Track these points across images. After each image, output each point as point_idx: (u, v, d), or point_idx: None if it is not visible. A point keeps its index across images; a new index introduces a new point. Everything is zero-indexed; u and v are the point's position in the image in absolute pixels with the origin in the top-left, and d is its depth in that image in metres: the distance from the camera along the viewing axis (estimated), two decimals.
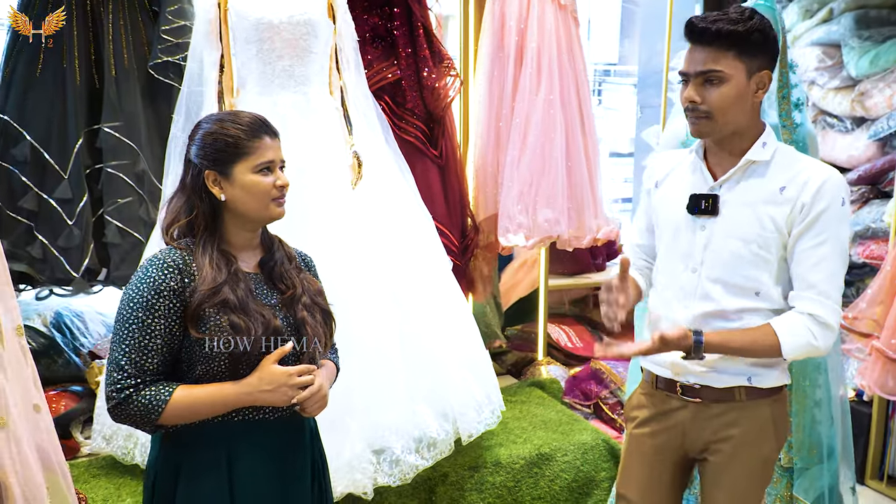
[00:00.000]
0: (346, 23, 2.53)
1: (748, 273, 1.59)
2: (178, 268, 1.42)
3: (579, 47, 3.08)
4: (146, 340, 1.38)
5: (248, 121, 1.50)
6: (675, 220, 1.69)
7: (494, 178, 3.04)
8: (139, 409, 1.37)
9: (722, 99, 1.53)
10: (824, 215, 1.53)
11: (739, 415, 1.64)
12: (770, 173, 1.59)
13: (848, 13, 3.49)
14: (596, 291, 4.38)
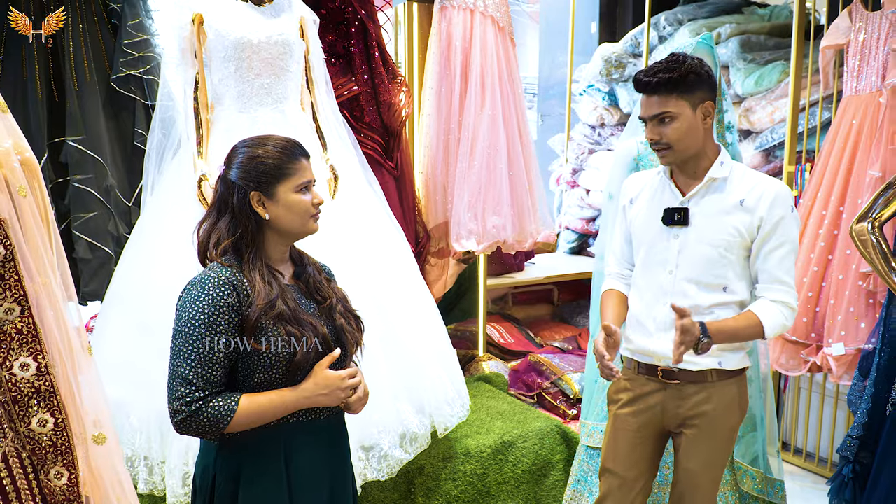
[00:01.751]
0: (315, 42, 2.64)
1: (717, 272, 1.90)
2: (232, 284, 1.50)
3: (516, 66, 3.34)
4: (211, 355, 1.46)
5: (286, 144, 1.61)
6: (651, 231, 1.98)
7: (444, 187, 3.24)
8: (209, 420, 1.45)
9: (675, 133, 1.86)
10: (781, 223, 1.86)
11: (711, 393, 1.93)
12: (729, 188, 1.90)
13: (733, 38, 3.97)
14: (516, 290, 4.69)
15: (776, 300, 1.87)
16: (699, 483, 1.98)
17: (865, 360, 2.33)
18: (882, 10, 2.96)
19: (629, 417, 2.03)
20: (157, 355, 2.31)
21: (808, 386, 3.56)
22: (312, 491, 1.63)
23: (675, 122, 1.85)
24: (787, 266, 1.87)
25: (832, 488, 2.33)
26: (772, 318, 1.85)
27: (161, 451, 2.30)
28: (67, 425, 1.27)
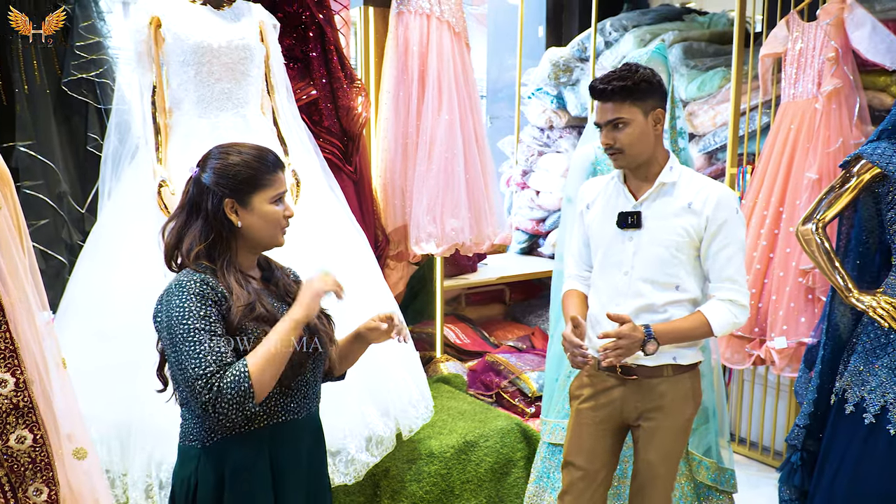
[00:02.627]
0: (275, 46, 2.63)
1: (670, 271, 1.98)
2: (212, 286, 1.50)
3: (471, 71, 3.39)
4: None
5: (264, 154, 1.61)
6: (606, 234, 2.06)
7: (402, 191, 3.26)
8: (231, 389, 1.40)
9: (628, 137, 1.94)
10: (726, 224, 1.95)
11: (667, 387, 2.02)
12: (677, 192, 2.00)
13: (676, 44, 4.11)
14: (469, 291, 4.75)
15: (724, 298, 1.96)
16: (657, 474, 2.07)
17: (810, 352, 2.46)
18: (817, 21, 3.12)
19: (590, 412, 2.10)
20: (117, 364, 2.28)
21: (751, 378, 3.72)
22: (295, 490, 1.64)
23: (627, 127, 1.93)
24: (735, 265, 1.96)
25: (782, 475, 2.45)
26: (719, 316, 1.95)
27: (122, 464, 2.25)
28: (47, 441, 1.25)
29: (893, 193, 2.11)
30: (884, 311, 2.11)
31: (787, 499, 2.44)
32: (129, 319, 2.31)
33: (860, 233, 2.30)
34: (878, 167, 2.11)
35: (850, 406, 2.20)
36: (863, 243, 2.30)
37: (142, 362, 2.27)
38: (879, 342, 2.16)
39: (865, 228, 2.29)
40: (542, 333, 4.27)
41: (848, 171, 2.20)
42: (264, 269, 1.70)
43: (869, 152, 2.13)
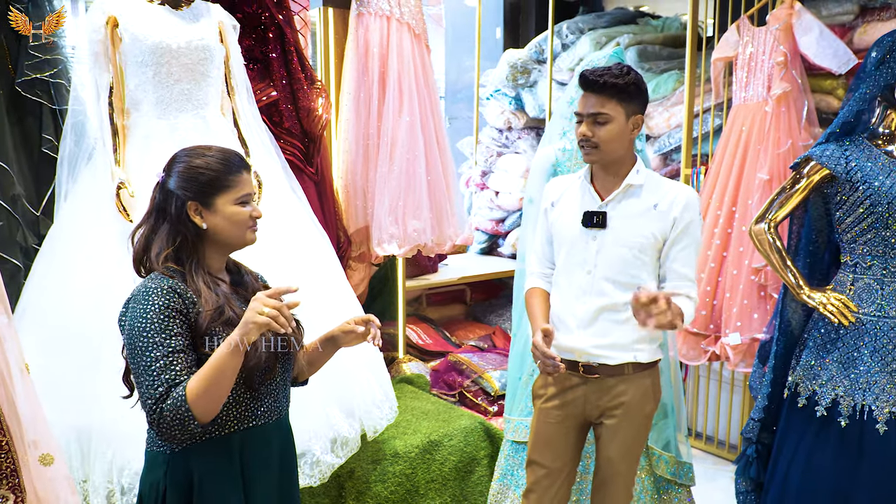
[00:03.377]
0: (235, 47, 2.61)
1: (632, 272, 2.02)
2: (176, 292, 1.50)
3: (432, 73, 3.41)
4: (171, 358, 1.44)
5: (228, 156, 1.61)
6: (571, 232, 2.08)
7: (364, 192, 3.26)
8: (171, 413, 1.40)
9: (607, 134, 1.96)
10: (690, 226, 2.01)
11: (628, 385, 2.06)
12: (644, 194, 2.03)
13: (632, 47, 4.20)
14: (430, 291, 4.76)
15: (685, 294, 2.00)
16: (619, 470, 2.11)
17: (764, 348, 2.54)
18: (767, 26, 3.23)
19: (553, 410, 2.13)
20: (76, 369, 2.24)
21: (707, 374, 3.82)
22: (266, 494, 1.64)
23: (608, 124, 1.95)
24: (691, 263, 2.03)
25: (738, 468, 2.53)
26: (689, 311, 1.99)
27: (83, 470, 2.21)
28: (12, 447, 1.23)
29: (841, 194, 2.20)
30: (833, 308, 2.20)
31: (743, 490, 2.52)
32: (88, 322, 2.27)
33: (810, 232, 2.39)
34: (826, 169, 2.20)
35: (803, 399, 2.28)
36: (813, 242, 2.39)
37: (101, 365, 2.23)
38: (829, 337, 2.25)
39: (815, 228, 2.38)
40: (503, 333, 4.31)
41: (798, 173, 2.28)
42: (233, 272, 1.69)
43: (818, 154, 2.22)
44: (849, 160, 2.17)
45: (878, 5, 3.17)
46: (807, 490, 2.25)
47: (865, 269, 2.19)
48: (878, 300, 2.16)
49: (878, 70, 2.13)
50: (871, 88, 2.14)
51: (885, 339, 2.14)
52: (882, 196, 2.10)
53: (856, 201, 2.16)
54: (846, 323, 2.18)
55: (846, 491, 2.17)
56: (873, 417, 2.13)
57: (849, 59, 3.03)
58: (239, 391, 1.57)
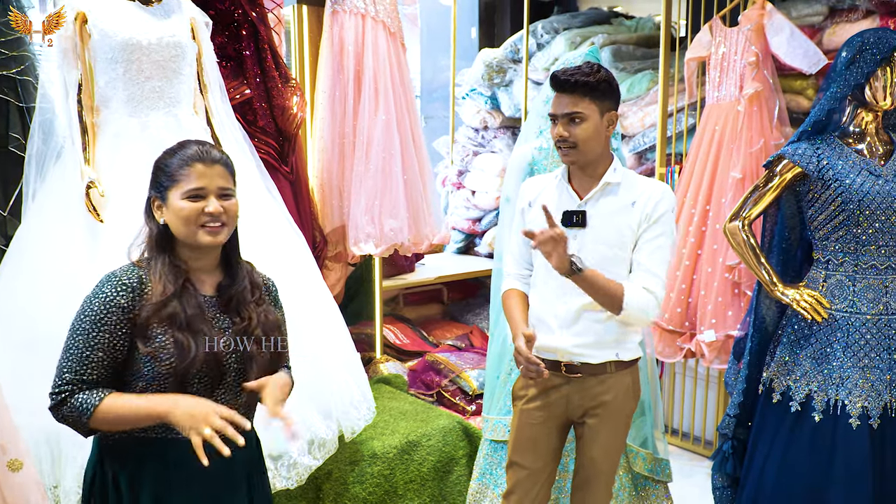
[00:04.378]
0: (207, 44, 2.57)
1: (612, 270, 1.98)
2: (131, 286, 1.49)
3: (407, 71, 3.39)
4: (88, 352, 1.46)
5: (186, 149, 1.56)
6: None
7: (340, 191, 3.24)
8: (71, 412, 1.46)
9: (584, 133, 1.95)
10: (662, 218, 1.99)
11: (610, 384, 2.06)
12: (621, 192, 2.03)
13: (606, 47, 4.22)
14: (407, 291, 4.75)
15: (646, 287, 1.96)
16: (601, 469, 2.12)
17: (738, 344, 2.57)
18: (739, 27, 3.26)
19: (535, 412, 2.12)
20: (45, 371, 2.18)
21: (682, 371, 3.86)
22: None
23: (584, 123, 1.94)
24: (658, 257, 1.98)
25: (714, 463, 2.55)
26: (635, 297, 1.92)
27: (54, 475, 2.16)
28: None
29: (813, 192, 2.23)
30: (806, 304, 2.22)
31: (719, 486, 2.54)
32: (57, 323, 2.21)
33: (783, 229, 2.41)
34: (799, 167, 2.22)
35: (777, 395, 2.31)
36: (786, 239, 2.42)
37: None
38: (803, 333, 2.27)
39: (788, 225, 2.41)
40: (480, 332, 4.31)
41: (771, 171, 2.31)
42: (228, 276, 1.62)
43: (790, 153, 2.24)
44: (820, 158, 2.20)
45: (847, 7, 3.22)
46: (782, 484, 2.27)
47: (837, 265, 2.22)
48: (850, 296, 2.19)
49: (848, 70, 2.16)
50: (842, 88, 2.17)
51: (856, 335, 2.17)
52: (853, 194, 2.13)
53: (827, 199, 2.19)
54: (819, 319, 2.21)
55: (821, 484, 2.20)
56: (846, 412, 2.16)
57: (819, 59, 3.07)
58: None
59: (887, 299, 2.16)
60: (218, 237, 1.55)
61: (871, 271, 2.17)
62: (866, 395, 2.15)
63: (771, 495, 2.29)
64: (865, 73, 2.12)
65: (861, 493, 2.14)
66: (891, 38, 2.11)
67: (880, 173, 2.15)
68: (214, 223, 1.54)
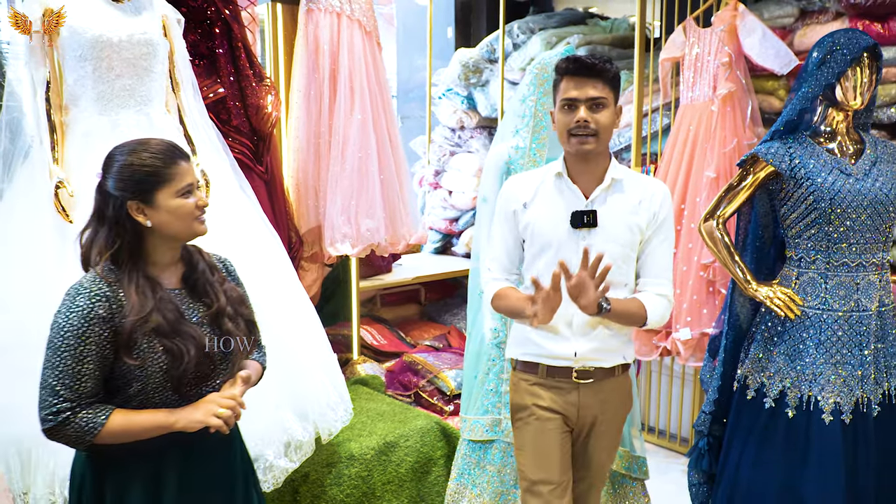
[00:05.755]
0: (179, 42, 2.54)
1: (623, 270, 1.94)
2: (105, 296, 1.48)
3: (383, 70, 3.38)
4: (79, 366, 1.45)
5: (163, 148, 1.56)
6: (558, 234, 1.93)
7: (316, 191, 3.21)
8: (75, 431, 1.45)
9: (606, 120, 1.88)
10: (667, 221, 1.97)
11: (614, 387, 2.03)
12: (626, 189, 1.95)
13: (582, 47, 4.24)
14: (384, 291, 4.72)
15: (660, 293, 1.95)
16: (605, 472, 2.12)
17: (713, 342, 2.59)
18: (712, 28, 3.29)
19: (547, 423, 2.00)
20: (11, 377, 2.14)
21: (658, 369, 3.88)
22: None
23: (606, 110, 1.87)
24: (667, 262, 1.98)
25: (691, 460, 2.57)
26: (655, 308, 1.93)
27: (23, 481, 2.12)
28: None
29: (786, 191, 2.25)
30: (780, 301, 2.25)
31: (695, 483, 2.56)
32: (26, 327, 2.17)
33: (756, 228, 2.44)
34: (772, 166, 2.25)
35: (752, 392, 2.33)
36: (759, 238, 2.44)
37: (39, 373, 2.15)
38: (776, 330, 2.30)
39: (761, 224, 2.43)
40: (458, 332, 4.30)
41: (744, 170, 2.33)
42: (188, 265, 1.65)
43: (763, 151, 2.27)
44: (792, 157, 2.22)
45: (817, 9, 3.27)
46: (757, 480, 2.29)
47: (809, 263, 2.24)
48: (822, 293, 2.21)
49: (819, 70, 2.18)
50: (813, 88, 2.20)
51: (829, 332, 2.20)
52: (824, 192, 2.16)
53: (799, 197, 2.21)
54: (792, 316, 2.24)
55: (795, 480, 2.22)
56: (819, 408, 2.19)
57: (790, 60, 3.11)
58: (166, 395, 1.54)
59: (858, 296, 2.19)
60: (206, 227, 1.62)
61: (842, 269, 2.19)
62: (838, 390, 2.18)
63: (746, 491, 2.31)
64: (836, 74, 2.15)
65: (834, 488, 2.16)
66: (861, 39, 2.14)
67: (851, 172, 2.18)
68: (203, 214, 1.60)
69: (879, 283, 2.21)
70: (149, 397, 1.52)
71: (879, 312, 2.22)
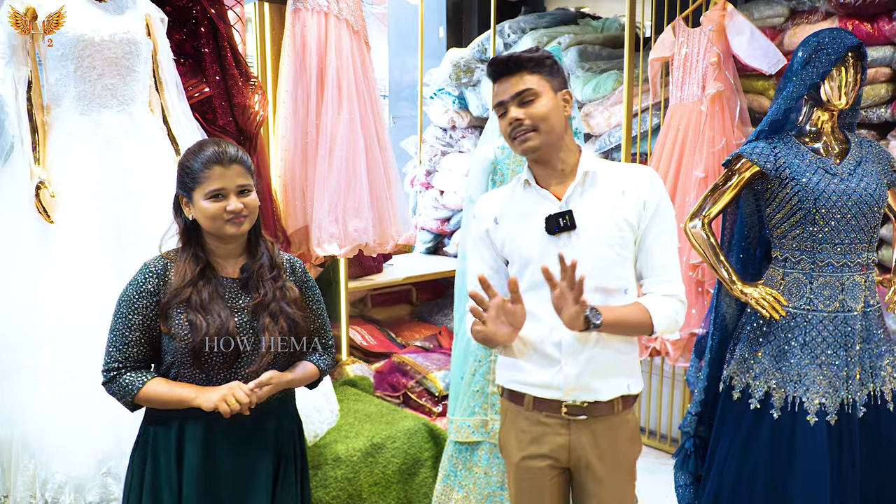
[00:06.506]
0: (163, 41, 2.53)
1: (618, 273, 1.69)
2: (156, 273, 1.70)
3: (372, 70, 3.36)
4: (127, 332, 1.67)
5: (205, 152, 1.69)
6: (533, 246, 1.73)
7: (303, 191, 3.20)
8: (120, 389, 1.67)
9: (540, 110, 1.66)
10: (661, 208, 1.70)
11: (613, 426, 1.73)
12: (603, 181, 1.72)
13: (572, 47, 4.23)
14: (375, 292, 4.71)
15: (667, 293, 1.70)
16: None
17: (700, 342, 2.58)
18: (701, 27, 3.28)
19: (532, 465, 1.77)
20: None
21: (647, 370, 3.88)
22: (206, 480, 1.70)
23: (538, 100, 1.66)
24: (671, 256, 1.72)
25: (677, 462, 2.56)
26: (662, 312, 1.67)
27: (3, 485, 2.12)
28: None
29: (771, 191, 2.24)
30: (765, 302, 2.24)
31: (682, 484, 2.55)
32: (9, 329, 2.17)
33: (742, 228, 2.43)
34: (757, 165, 2.24)
35: (737, 392, 2.32)
36: (745, 238, 2.43)
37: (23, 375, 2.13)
38: (762, 331, 2.29)
39: (747, 224, 2.42)
40: (448, 332, 4.29)
41: (730, 170, 2.32)
42: (250, 258, 1.76)
43: (748, 151, 2.26)
44: (777, 157, 2.21)
45: (807, 9, 3.26)
46: (742, 481, 2.28)
47: (795, 263, 2.24)
48: (808, 294, 2.21)
49: (804, 69, 2.17)
50: (798, 87, 2.19)
51: (814, 332, 2.19)
52: (809, 192, 2.15)
53: (784, 198, 2.20)
54: (777, 317, 2.23)
55: (781, 481, 2.21)
56: (804, 409, 2.18)
57: (778, 59, 3.10)
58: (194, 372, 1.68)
59: (843, 297, 2.18)
60: (241, 227, 1.71)
61: (827, 269, 2.19)
62: (823, 391, 2.17)
63: (731, 493, 2.30)
64: (821, 73, 2.14)
65: (820, 489, 2.15)
66: (845, 38, 2.14)
67: (836, 172, 2.17)
68: (238, 217, 1.69)
69: (864, 283, 2.21)
70: (180, 371, 1.69)
71: (865, 313, 2.21)
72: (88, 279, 2.19)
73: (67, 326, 2.15)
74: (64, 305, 2.17)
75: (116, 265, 2.21)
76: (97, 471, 2.11)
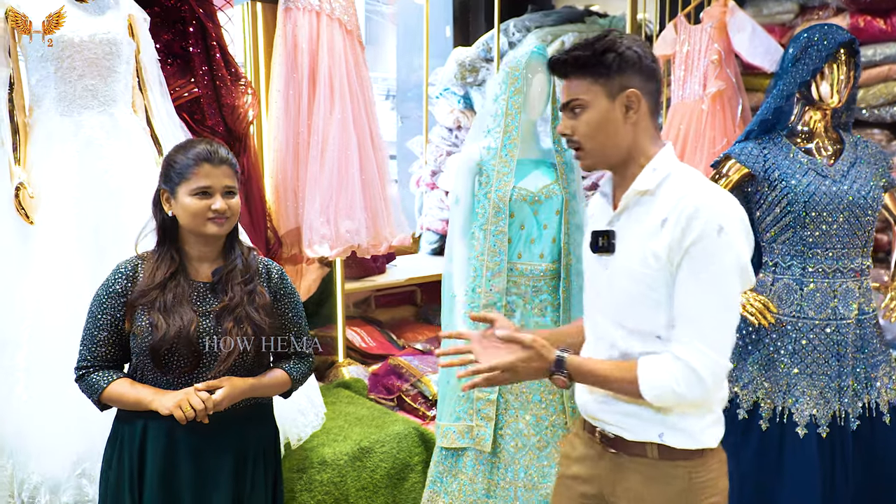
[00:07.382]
0: (146, 41, 2.51)
1: (645, 315, 1.41)
2: (125, 274, 1.71)
3: (365, 69, 3.33)
4: (96, 332, 1.69)
5: (196, 148, 1.70)
6: (587, 259, 1.57)
7: (295, 192, 3.17)
8: (87, 388, 1.70)
9: (586, 126, 1.43)
10: (699, 248, 1.33)
11: (653, 475, 1.44)
12: (656, 203, 1.41)
13: None
14: (378, 293, 4.68)
15: (679, 356, 1.35)
16: None
17: None
18: (702, 24, 3.20)
19: (571, 481, 1.60)
20: None
21: None
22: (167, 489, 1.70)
23: (585, 112, 1.43)
24: (701, 308, 1.34)
25: None
26: (655, 376, 1.36)
27: None
28: None
29: (760, 193, 2.17)
30: (753, 309, 2.16)
31: None
32: None
33: None
34: (745, 167, 2.16)
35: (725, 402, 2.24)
36: None
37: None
38: (750, 338, 2.21)
39: None
40: None
41: (718, 172, 2.24)
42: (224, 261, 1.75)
43: (737, 153, 2.18)
44: (766, 158, 2.13)
45: (817, 4, 3.18)
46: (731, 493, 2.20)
47: (785, 269, 2.15)
48: (798, 301, 2.12)
49: (794, 67, 2.10)
50: (788, 85, 2.11)
51: (804, 341, 2.11)
52: (799, 195, 2.07)
53: (774, 200, 2.12)
54: (765, 324, 2.15)
55: (770, 492, 2.14)
56: (793, 420, 2.10)
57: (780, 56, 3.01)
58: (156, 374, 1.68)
59: (836, 304, 2.10)
60: (223, 228, 1.70)
61: (818, 275, 2.10)
62: (814, 402, 2.09)
63: None
64: (811, 70, 2.06)
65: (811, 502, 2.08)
66: (837, 34, 2.05)
67: (827, 174, 2.09)
68: (220, 218, 1.68)
69: (858, 290, 2.12)
70: (143, 373, 1.69)
71: (859, 321, 2.12)
72: (67, 280, 2.18)
73: (45, 327, 2.15)
74: (42, 306, 2.16)
75: (95, 266, 2.19)
76: (72, 472, 2.10)
